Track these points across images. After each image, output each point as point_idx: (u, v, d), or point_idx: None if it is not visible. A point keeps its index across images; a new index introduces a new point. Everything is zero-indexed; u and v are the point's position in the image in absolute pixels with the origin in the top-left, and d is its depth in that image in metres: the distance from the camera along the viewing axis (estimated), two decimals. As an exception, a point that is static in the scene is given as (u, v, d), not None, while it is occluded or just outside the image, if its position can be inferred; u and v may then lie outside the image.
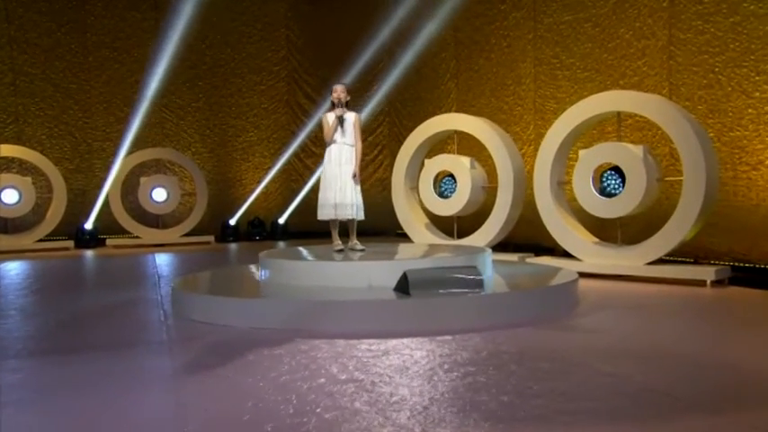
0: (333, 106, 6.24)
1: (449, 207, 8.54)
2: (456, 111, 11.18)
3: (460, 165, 8.47)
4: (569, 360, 3.72)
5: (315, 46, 14.39)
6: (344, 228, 6.42)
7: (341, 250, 6.21)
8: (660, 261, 6.85)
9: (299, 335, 4.45)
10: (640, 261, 6.77)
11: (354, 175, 6.14)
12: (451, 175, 8.64)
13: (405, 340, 4.24)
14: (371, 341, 4.24)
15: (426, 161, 8.86)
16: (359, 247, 6.28)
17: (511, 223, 8.34)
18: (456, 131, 8.90)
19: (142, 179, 12.54)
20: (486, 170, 8.86)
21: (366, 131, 14.31)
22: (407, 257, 5.63)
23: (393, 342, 4.20)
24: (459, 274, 4.90)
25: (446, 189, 8.69)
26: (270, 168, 14.23)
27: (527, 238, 9.01)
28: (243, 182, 14.24)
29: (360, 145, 6.28)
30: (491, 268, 5.98)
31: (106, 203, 12.39)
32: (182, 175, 13.54)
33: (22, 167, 12.28)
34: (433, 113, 9.52)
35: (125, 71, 13.46)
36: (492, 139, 8.27)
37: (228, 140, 14.22)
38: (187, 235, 12.84)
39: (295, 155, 14.25)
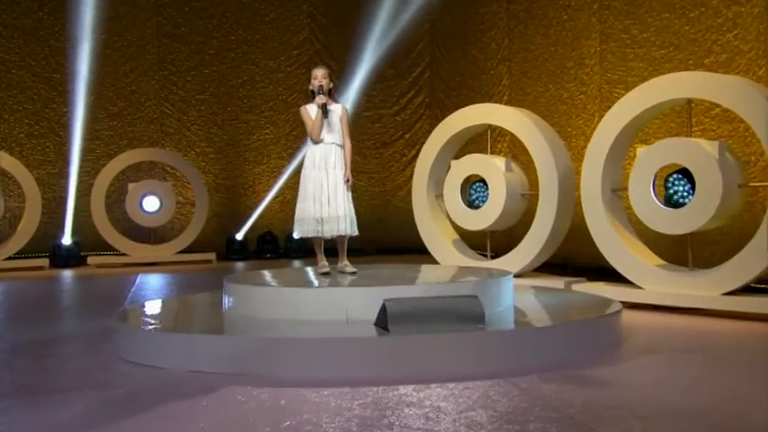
0: (313, 96, 6.11)
1: (479, 219, 8.34)
2: (508, 100, 11.03)
3: (493, 167, 8.27)
4: (568, 423, 3.41)
5: (343, 25, 14.26)
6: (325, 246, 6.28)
7: (327, 273, 6.06)
8: (747, 290, 6.46)
9: (242, 381, 4.30)
10: (716, 290, 6.38)
11: (348, 181, 6.05)
12: (483, 180, 8.41)
13: (369, 390, 4.02)
14: (326, 391, 4.03)
15: (453, 163, 8.68)
16: (349, 269, 6.12)
17: (556, 239, 8.10)
18: (489, 126, 8.68)
19: (130, 185, 12.66)
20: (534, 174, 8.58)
21: (403, 127, 14.21)
22: (397, 283, 5.42)
23: (353, 392, 3.98)
24: (453, 305, 4.66)
25: (477, 197, 8.50)
26: (288, 172, 14.15)
27: (592, 257, 8.68)
28: (255, 188, 14.22)
29: (350, 145, 6.18)
30: (511, 297, 5.72)
31: (88, 214, 12.54)
32: (183, 181, 13.60)
33: (-7, 172, 12.56)
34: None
35: (117, 57, 13.64)
36: (531, 134, 8.06)
37: (239, 139, 14.26)
38: (184, 252, 12.91)
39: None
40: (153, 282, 10.20)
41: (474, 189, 8.62)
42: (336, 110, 6.12)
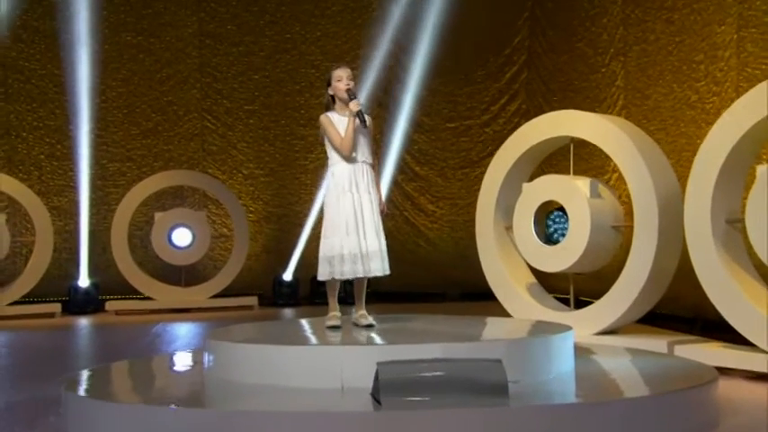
0: (332, 102, 6.12)
1: (558, 258, 8.02)
2: (622, 105, 10.89)
3: (575, 191, 7.94)
4: None
5: (421, 17, 14.16)
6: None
7: (337, 327, 5.96)
8: None
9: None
10: None
11: (383, 211, 6.07)
12: (564, 209, 8.19)
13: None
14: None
15: (525, 186, 8.44)
16: (365, 321, 6.01)
17: (660, 284, 7.71)
18: (572, 139, 8.40)
19: (157, 215, 12.85)
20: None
21: (494, 142, 13.85)
22: (410, 341, 5.29)
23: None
24: (466, 371, 4.44)
25: (555, 229, 8.28)
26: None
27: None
28: (313, 218, 14.18)
29: (377, 162, 6.18)
30: (571, 362, 5.45)
31: (108, 251, 12.78)
32: (227, 210, 13.67)
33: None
34: (591, 111, 9.29)
35: (152, 62, 13.92)
36: (622, 148, 7.73)
37: (295, 158, 14.33)
38: (223, 296, 12.99)
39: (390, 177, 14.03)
40: (172, 333, 10.26)
41: (552, 219, 8.45)
42: (369, 120, 6.05)
